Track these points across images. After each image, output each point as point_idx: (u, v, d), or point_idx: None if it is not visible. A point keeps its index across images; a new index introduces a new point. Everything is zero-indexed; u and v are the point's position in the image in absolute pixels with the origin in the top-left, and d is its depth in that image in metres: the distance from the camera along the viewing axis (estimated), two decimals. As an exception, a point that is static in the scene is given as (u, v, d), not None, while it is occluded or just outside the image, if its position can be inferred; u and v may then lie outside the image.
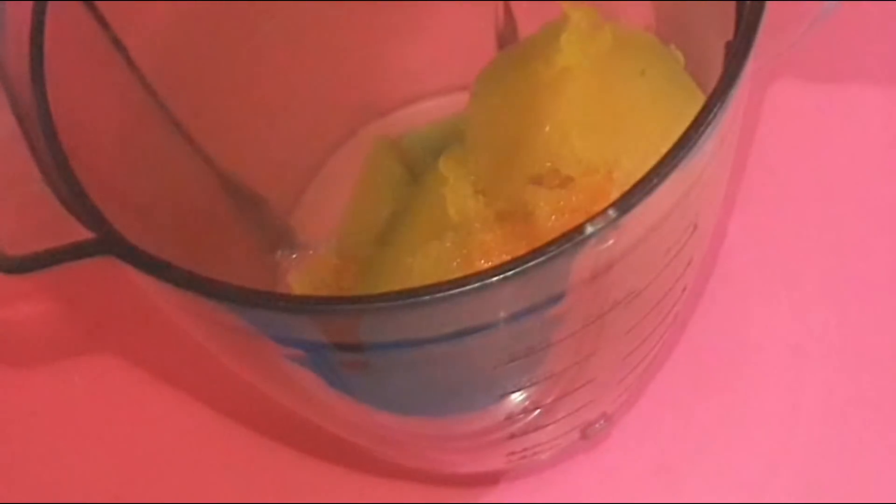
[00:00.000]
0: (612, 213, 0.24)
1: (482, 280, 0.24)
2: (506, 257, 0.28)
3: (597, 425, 0.38)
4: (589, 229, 0.24)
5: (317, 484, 0.41)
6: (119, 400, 0.43)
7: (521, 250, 0.25)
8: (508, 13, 0.42)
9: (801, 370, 0.41)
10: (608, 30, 0.33)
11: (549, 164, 0.33)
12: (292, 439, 0.41)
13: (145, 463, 0.42)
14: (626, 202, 0.24)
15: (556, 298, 0.27)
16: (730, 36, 0.28)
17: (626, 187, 0.25)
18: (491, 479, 0.41)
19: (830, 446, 0.40)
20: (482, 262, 0.33)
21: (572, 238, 0.24)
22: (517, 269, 0.24)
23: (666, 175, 0.24)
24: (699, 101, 0.27)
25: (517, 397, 0.31)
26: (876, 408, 0.41)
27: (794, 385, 0.41)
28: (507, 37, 0.42)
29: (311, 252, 0.41)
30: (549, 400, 0.33)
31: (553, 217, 0.32)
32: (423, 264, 0.34)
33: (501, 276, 0.24)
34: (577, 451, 0.41)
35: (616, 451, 0.41)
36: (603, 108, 0.33)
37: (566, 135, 0.33)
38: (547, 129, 0.33)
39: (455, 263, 0.33)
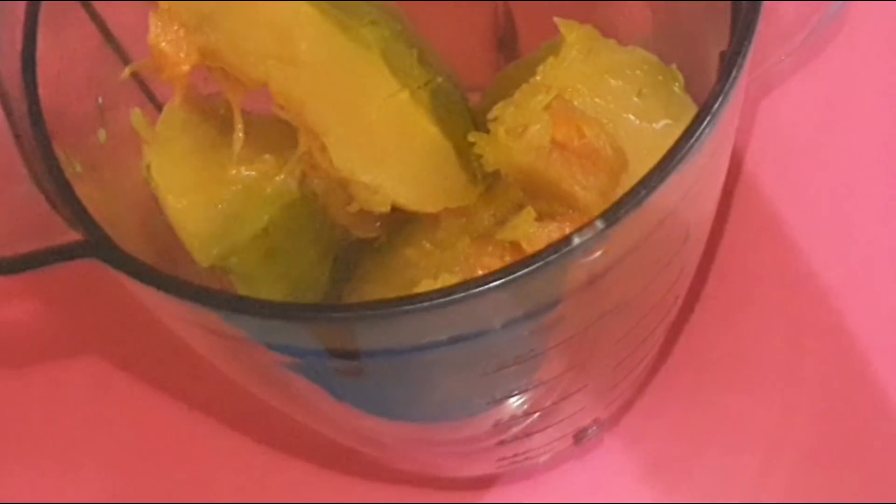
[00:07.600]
0: (599, 224, 0.24)
1: (472, 289, 0.24)
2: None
3: (590, 431, 0.38)
4: (576, 240, 0.24)
5: (308, 486, 0.41)
6: (109, 401, 0.43)
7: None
8: (508, 14, 0.41)
9: (798, 374, 0.41)
10: (605, 50, 0.32)
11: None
12: (283, 441, 0.41)
13: (134, 464, 0.42)
14: (613, 213, 0.24)
15: (547, 307, 0.27)
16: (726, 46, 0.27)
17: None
18: (485, 482, 0.41)
19: (827, 448, 0.40)
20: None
21: (559, 248, 0.24)
22: (504, 279, 0.24)
23: (654, 187, 0.24)
24: None
25: (509, 404, 0.31)
26: (873, 408, 0.40)
27: (790, 391, 0.41)
28: (506, 37, 0.42)
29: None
30: (541, 406, 0.32)
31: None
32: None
33: (490, 284, 0.24)
34: (570, 456, 0.40)
35: (610, 456, 0.41)
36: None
37: None
38: None
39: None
